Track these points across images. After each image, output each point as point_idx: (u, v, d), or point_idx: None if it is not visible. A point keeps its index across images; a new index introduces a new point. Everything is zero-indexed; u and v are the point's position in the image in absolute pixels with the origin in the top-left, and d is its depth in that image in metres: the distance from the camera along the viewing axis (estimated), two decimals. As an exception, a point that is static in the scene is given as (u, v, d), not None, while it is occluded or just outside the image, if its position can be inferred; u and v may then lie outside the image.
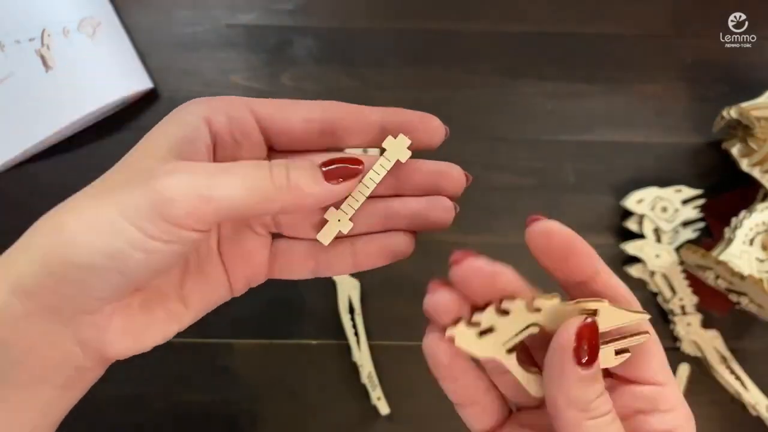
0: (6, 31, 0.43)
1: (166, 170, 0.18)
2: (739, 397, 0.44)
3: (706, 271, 0.43)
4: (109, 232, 0.18)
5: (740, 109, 0.42)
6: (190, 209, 0.18)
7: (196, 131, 0.20)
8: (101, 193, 0.19)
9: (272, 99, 0.22)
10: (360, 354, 0.45)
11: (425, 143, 0.23)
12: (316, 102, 0.22)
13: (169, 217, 0.18)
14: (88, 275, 0.18)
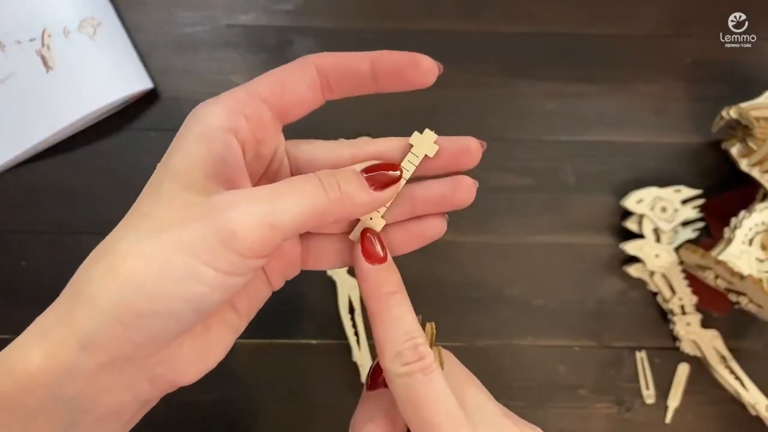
0: (6, 32, 0.44)
1: (227, 203, 0.18)
2: (738, 397, 0.44)
3: (705, 270, 0.43)
4: (185, 276, 0.17)
5: (740, 109, 0.42)
6: (258, 239, 0.18)
7: (228, 148, 0.20)
8: (158, 233, 0.18)
9: (263, 76, 0.21)
10: (360, 354, 0.45)
11: (418, 83, 0.23)
12: (307, 61, 0.22)
13: (240, 251, 0.18)
14: (166, 321, 0.18)
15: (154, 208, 0.18)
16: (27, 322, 0.37)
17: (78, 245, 0.46)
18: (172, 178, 0.19)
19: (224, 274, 0.18)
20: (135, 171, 0.47)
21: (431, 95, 0.48)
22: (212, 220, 0.17)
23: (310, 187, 0.19)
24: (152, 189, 0.19)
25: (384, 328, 0.21)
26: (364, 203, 0.20)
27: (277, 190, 0.19)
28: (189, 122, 0.20)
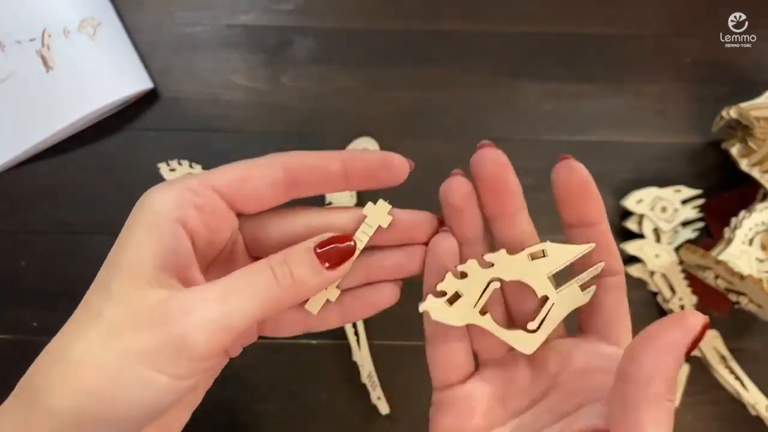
0: (6, 32, 0.44)
1: (181, 310, 0.18)
2: (738, 397, 0.44)
3: (705, 270, 0.43)
4: (139, 385, 0.17)
5: (740, 109, 0.42)
6: (212, 344, 0.18)
7: (176, 240, 0.19)
8: (110, 338, 0.18)
9: (226, 168, 0.21)
10: (360, 354, 0.45)
11: (390, 182, 0.22)
12: (271, 159, 0.21)
13: (194, 357, 0.18)
14: (122, 425, 0.18)
15: (105, 308, 0.18)
16: (27, 321, 0.38)
17: (78, 245, 0.46)
18: (121, 273, 0.19)
19: (178, 379, 0.18)
20: (135, 171, 0.47)
21: (431, 96, 0.49)
22: (166, 330, 0.17)
23: (262, 280, 0.19)
24: (102, 285, 0.19)
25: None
26: (316, 286, 0.20)
27: (229, 289, 0.19)
28: (138, 211, 0.20)
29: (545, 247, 0.21)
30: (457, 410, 0.23)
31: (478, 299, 0.22)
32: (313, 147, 0.49)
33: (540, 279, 0.21)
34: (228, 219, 0.21)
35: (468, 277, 0.21)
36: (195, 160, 0.46)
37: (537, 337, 0.22)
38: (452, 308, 0.22)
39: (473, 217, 0.23)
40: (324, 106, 0.47)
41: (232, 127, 0.47)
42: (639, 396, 0.18)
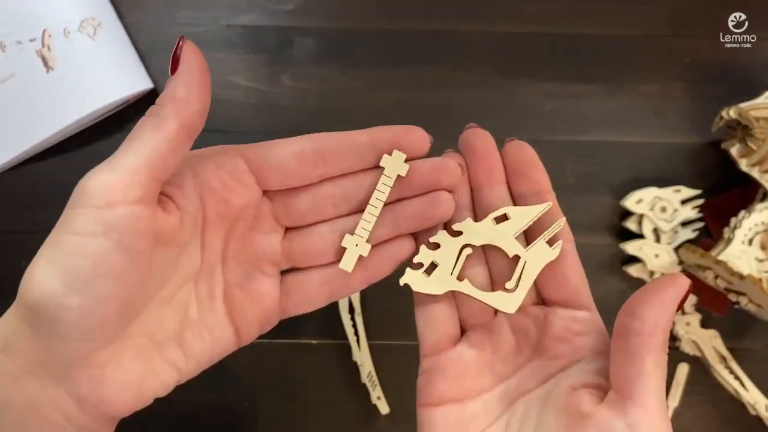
0: (7, 32, 0.44)
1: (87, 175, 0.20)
2: (738, 397, 0.44)
3: (705, 270, 0.43)
4: (74, 243, 0.20)
5: (739, 109, 0.42)
6: (115, 193, 0.20)
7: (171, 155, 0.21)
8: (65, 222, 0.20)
9: (260, 143, 0.23)
10: (360, 354, 0.45)
11: (414, 152, 0.24)
12: (303, 136, 0.23)
13: (94, 204, 0.20)
14: (61, 312, 0.18)
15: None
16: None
17: (78, 245, 0.46)
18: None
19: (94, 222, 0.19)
20: (135, 171, 0.47)
21: (431, 96, 0.49)
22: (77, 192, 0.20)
23: (140, 123, 0.21)
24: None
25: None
26: (178, 99, 0.21)
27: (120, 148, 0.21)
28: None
29: (507, 211, 0.23)
30: (450, 373, 0.23)
31: (454, 267, 0.23)
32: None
33: (507, 240, 0.23)
34: (246, 182, 0.22)
35: (441, 247, 0.23)
36: (195, 160, 0.46)
37: (516, 296, 0.23)
38: (431, 278, 0.23)
39: (465, 187, 0.24)
40: (324, 106, 0.47)
41: (232, 127, 0.47)
42: (644, 346, 0.19)
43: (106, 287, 0.18)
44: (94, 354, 0.20)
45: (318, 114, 0.47)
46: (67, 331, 0.19)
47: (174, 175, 0.21)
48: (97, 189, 0.20)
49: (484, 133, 0.25)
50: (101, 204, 0.19)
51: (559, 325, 0.23)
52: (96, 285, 0.18)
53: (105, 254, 0.18)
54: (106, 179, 0.20)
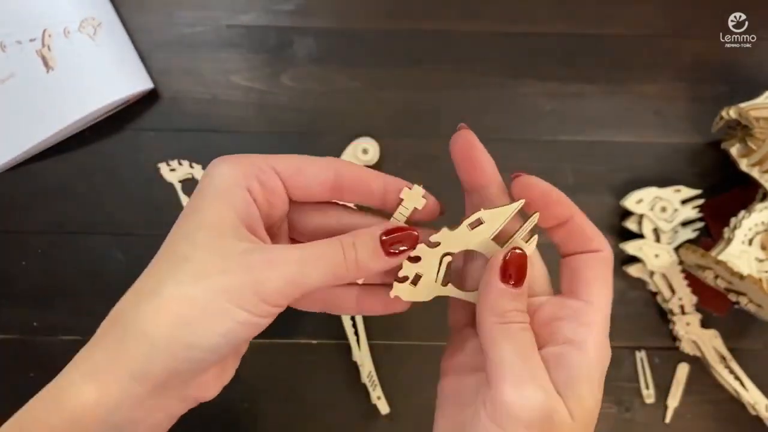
0: (7, 32, 0.44)
1: (265, 261, 0.21)
2: (738, 397, 0.44)
3: (705, 270, 0.43)
4: (225, 317, 0.21)
5: (739, 110, 0.42)
6: (284, 295, 0.21)
7: (247, 204, 0.22)
8: (200, 279, 0.21)
9: (288, 156, 0.24)
10: (360, 354, 0.45)
11: (420, 217, 0.25)
12: (328, 162, 0.24)
13: (268, 301, 0.21)
14: (206, 353, 0.21)
15: (192, 254, 0.21)
16: (27, 321, 0.38)
17: (78, 245, 0.46)
18: (207, 227, 0.21)
19: (254, 315, 0.21)
20: (135, 171, 0.47)
21: (431, 96, 0.49)
22: (250, 275, 0.21)
23: (333, 254, 0.22)
24: (185, 235, 0.22)
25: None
26: (375, 268, 0.23)
27: (306, 255, 0.22)
28: (209, 179, 0.22)
29: (481, 215, 0.23)
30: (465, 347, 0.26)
31: (437, 275, 0.24)
32: (314, 147, 0.49)
33: (483, 244, 0.24)
34: (283, 199, 0.24)
35: (422, 260, 0.24)
36: (195, 160, 0.46)
37: None
38: (417, 288, 0.24)
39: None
40: (324, 106, 0.47)
41: (232, 127, 0.47)
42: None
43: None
44: (211, 370, 0.23)
45: (318, 114, 0.47)
46: (208, 365, 0.22)
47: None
48: (278, 296, 0.22)
49: (466, 135, 0.26)
50: (273, 304, 0.22)
51: (548, 311, 0.24)
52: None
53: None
54: (290, 291, 0.22)
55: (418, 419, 0.46)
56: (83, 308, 0.46)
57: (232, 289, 0.20)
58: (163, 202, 0.46)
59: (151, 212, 0.46)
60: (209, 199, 0.22)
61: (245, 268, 0.21)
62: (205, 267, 0.21)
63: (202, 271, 0.21)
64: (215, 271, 0.21)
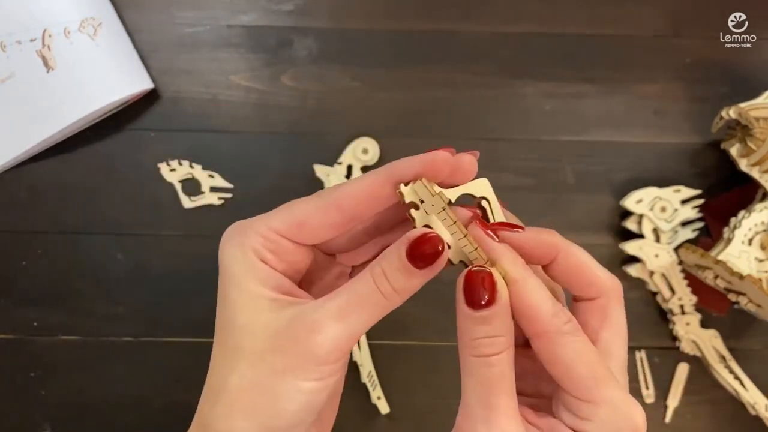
0: (7, 32, 0.44)
1: (308, 328, 0.21)
2: (737, 397, 0.44)
3: (705, 270, 0.43)
4: (294, 392, 0.21)
5: (739, 110, 0.42)
6: (340, 349, 0.21)
7: (272, 276, 0.22)
8: (258, 364, 0.21)
9: (285, 212, 0.22)
10: (360, 353, 0.45)
11: (439, 179, 0.23)
12: (329, 199, 0.22)
13: (327, 364, 0.21)
14: (295, 429, 0.21)
15: (242, 342, 0.21)
16: (27, 321, 0.38)
17: (78, 245, 0.46)
18: (242, 308, 0.21)
19: (321, 381, 0.21)
20: (135, 171, 0.47)
21: (431, 96, 0.49)
22: (299, 348, 0.20)
23: (368, 293, 0.21)
24: (227, 325, 0.22)
25: (533, 298, 0.21)
26: (414, 288, 0.21)
27: (344, 305, 0.21)
28: (224, 266, 0.22)
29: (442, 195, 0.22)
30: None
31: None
32: (314, 147, 0.49)
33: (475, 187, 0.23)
34: (301, 252, 0.23)
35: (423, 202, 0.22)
36: (195, 160, 0.46)
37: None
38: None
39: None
40: (324, 106, 0.47)
41: (232, 127, 0.47)
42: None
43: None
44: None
45: (318, 114, 0.47)
46: None
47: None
48: (329, 355, 0.21)
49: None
50: (333, 363, 0.21)
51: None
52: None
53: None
54: (339, 348, 0.21)
55: (418, 419, 0.46)
56: (83, 308, 0.46)
57: (292, 365, 0.20)
58: (163, 202, 0.46)
59: (151, 212, 0.46)
60: (232, 284, 0.22)
61: (293, 340, 0.21)
62: (258, 353, 0.21)
63: (257, 355, 0.21)
64: (268, 353, 0.21)
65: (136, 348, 0.45)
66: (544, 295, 0.21)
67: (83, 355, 0.45)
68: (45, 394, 0.45)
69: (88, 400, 0.45)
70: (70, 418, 0.45)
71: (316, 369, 0.20)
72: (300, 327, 0.21)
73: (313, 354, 0.20)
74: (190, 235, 0.46)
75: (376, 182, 0.22)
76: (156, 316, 0.46)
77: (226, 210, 0.46)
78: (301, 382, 0.20)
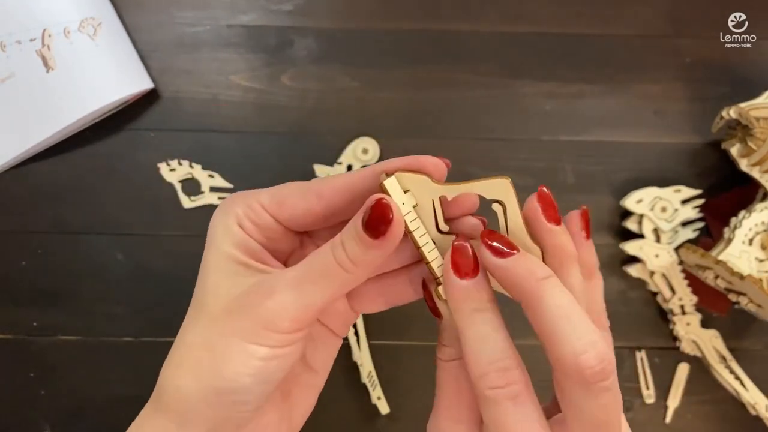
0: (7, 32, 0.44)
1: (263, 292, 0.21)
2: (738, 397, 0.44)
3: (705, 270, 0.43)
4: (246, 356, 0.20)
5: (739, 109, 0.42)
6: (295, 319, 0.20)
7: (245, 241, 0.22)
8: (213, 323, 0.21)
9: (276, 189, 0.23)
10: (360, 354, 0.45)
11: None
12: (311, 186, 0.22)
13: (282, 331, 0.20)
14: (240, 395, 0.21)
15: (206, 301, 0.21)
16: (27, 321, 0.38)
17: (78, 245, 0.46)
18: (214, 269, 0.22)
19: (274, 348, 0.20)
20: (135, 171, 0.47)
21: (431, 96, 0.49)
22: (254, 312, 0.20)
23: (325, 263, 0.21)
24: (201, 282, 0.22)
25: (469, 345, 0.20)
26: (372, 260, 0.21)
27: (301, 275, 0.21)
28: (210, 227, 0.23)
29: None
30: None
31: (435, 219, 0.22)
32: (314, 147, 0.49)
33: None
34: (283, 232, 0.23)
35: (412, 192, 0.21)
36: (195, 160, 0.46)
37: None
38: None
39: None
40: (324, 106, 0.47)
41: (232, 127, 0.47)
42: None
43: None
44: (257, 413, 0.22)
45: (318, 114, 0.47)
46: (247, 405, 0.21)
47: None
48: (288, 324, 0.21)
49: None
50: (287, 332, 0.21)
51: None
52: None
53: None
54: (298, 317, 0.21)
55: (418, 419, 0.46)
56: (83, 308, 0.46)
57: (243, 328, 0.20)
58: (163, 202, 0.46)
59: (151, 212, 0.46)
60: (211, 246, 0.22)
61: (248, 304, 0.20)
62: (215, 313, 0.21)
63: (214, 315, 0.21)
64: (224, 315, 0.21)
65: (136, 348, 0.45)
66: (479, 347, 0.20)
67: (83, 355, 0.45)
68: (45, 394, 0.45)
69: (88, 400, 0.45)
70: (70, 418, 0.45)
71: (266, 335, 0.20)
72: (257, 292, 0.21)
73: (263, 318, 0.20)
74: (190, 235, 0.46)
75: (358, 177, 0.22)
76: (156, 316, 0.46)
77: (226, 210, 0.46)
78: (250, 345, 0.20)
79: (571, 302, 0.19)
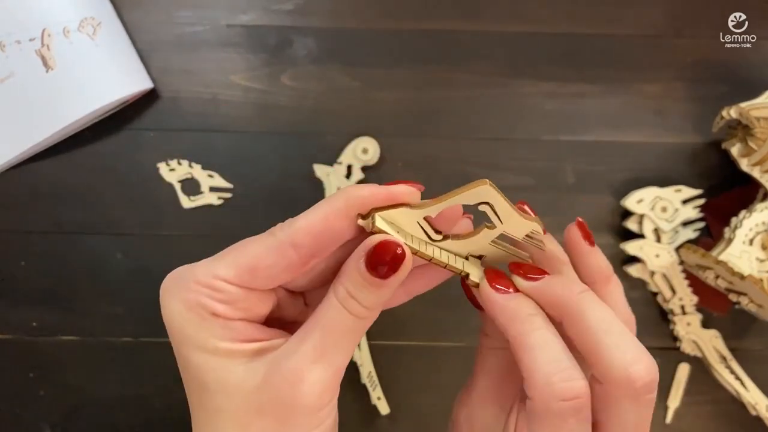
0: (6, 31, 0.43)
1: (286, 381, 0.19)
2: (738, 397, 0.44)
3: (705, 270, 0.43)
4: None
5: (740, 109, 0.42)
6: (325, 394, 0.19)
7: (229, 330, 0.20)
8: (245, 428, 0.19)
9: (233, 253, 0.20)
10: (360, 354, 0.45)
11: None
12: (280, 236, 0.20)
13: (316, 411, 0.19)
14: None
15: (224, 404, 0.19)
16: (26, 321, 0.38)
17: (78, 245, 0.46)
18: (205, 369, 0.20)
19: (319, 426, 0.20)
20: (135, 171, 0.47)
21: (431, 96, 0.49)
22: (287, 403, 0.19)
23: (339, 320, 0.19)
24: (198, 382, 0.20)
25: (530, 352, 0.19)
26: (384, 301, 0.20)
27: (318, 343, 0.19)
28: (167, 322, 0.21)
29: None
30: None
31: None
32: (314, 147, 0.49)
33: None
34: (258, 296, 0.21)
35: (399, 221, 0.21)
36: (195, 160, 0.46)
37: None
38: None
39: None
40: (324, 106, 0.47)
41: (231, 127, 0.47)
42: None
43: None
44: None
45: (318, 114, 0.47)
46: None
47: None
48: (315, 402, 0.20)
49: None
50: (321, 408, 0.20)
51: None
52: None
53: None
54: (324, 390, 0.20)
55: (418, 419, 0.46)
56: (83, 308, 0.46)
57: (281, 425, 0.19)
58: (163, 202, 0.46)
59: (151, 212, 0.46)
60: (190, 346, 0.20)
61: (277, 398, 0.19)
62: (240, 413, 0.19)
63: (239, 418, 0.19)
64: (254, 414, 0.19)
65: (136, 348, 0.45)
66: (541, 355, 0.19)
67: (83, 355, 0.45)
68: (44, 394, 0.45)
69: (88, 400, 0.45)
70: (70, 418, 0.45)
71: (309, 419, 0.19)
72: (279, 381, 0.19)
73: (302, 406, 0.19)
74: (190, 235, 0.46)
75: (332, 214, 0.20)
76: (156, 316, 0.45)
77: (225, 210, 0.46)
78: (305, 427, 0.19)
79: (612, 315, 0.19)
